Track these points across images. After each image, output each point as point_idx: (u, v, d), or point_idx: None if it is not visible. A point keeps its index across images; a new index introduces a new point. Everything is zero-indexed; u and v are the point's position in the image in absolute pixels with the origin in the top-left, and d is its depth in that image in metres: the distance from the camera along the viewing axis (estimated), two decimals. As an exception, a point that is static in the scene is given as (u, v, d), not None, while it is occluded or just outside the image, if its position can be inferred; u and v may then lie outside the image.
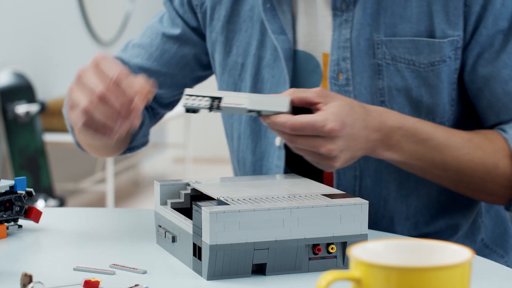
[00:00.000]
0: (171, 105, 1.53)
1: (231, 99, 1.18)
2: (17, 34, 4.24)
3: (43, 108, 4.15)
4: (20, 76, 4.14)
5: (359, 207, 1.06)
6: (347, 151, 1.19)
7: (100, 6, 5.23)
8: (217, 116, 6.22)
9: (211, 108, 1.17)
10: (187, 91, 1.19)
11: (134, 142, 1.47)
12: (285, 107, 1.16)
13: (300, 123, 1.14)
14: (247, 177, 1.21)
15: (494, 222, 1.46)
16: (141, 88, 1.13)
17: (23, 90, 4.12)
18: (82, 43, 4.98)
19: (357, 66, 1.32)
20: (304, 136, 1.16)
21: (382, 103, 1.32)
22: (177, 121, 6.22)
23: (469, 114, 1.38)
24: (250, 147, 1.43)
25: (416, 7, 1.31)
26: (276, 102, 1.17)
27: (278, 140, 1.38)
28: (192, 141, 6.11)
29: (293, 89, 1.19)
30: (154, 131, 6.01)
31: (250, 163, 1.43)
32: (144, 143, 1.50)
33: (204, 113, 6.18)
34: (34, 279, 0.98)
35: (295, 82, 1.37)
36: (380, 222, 1.37)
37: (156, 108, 1.52)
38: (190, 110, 1.19)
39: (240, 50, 1.41)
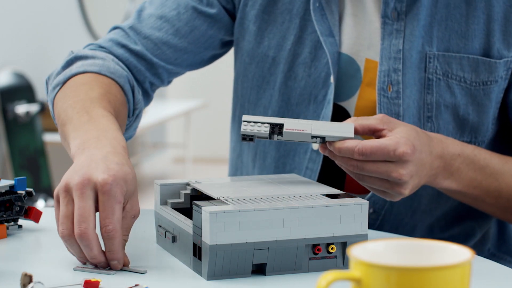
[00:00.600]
0: (172, 80, 1.46)
1: (292, 125, 1.13)
2: (17, 34, 4.24)
3: (43, 108, 4.15)
4: (20, 76, 4.14)
5: (359, 207, 1.06)
6: (416, 177, 1.15)
7: (100, 6, 5.23)
8: (217, 116, 6.22)
9: (271, 135, 1.13)
10: (245, 117, 1.14)
11: (125, 134, 1.38)
12: (350, 133, 1.12)
13: (371, 147, 1.10)
14: (247, 177, 1.21)
15: (498, 229, 1.45)
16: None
17: (23, 90, 4.12)
18: (82, 44, 4.98)
19: (408, 79, 1.29)
20: (373, 162, 1.11)
21: (428, 118, 1.30)
22: (177, 121, 6.21)
23: (503, 134, 1.37)
24: (274, 143, 1.39)
25: (473, 23, 1.28)
26: (340, 128, 1.13)
27: (316, 145, 1.34)
28: (192, 141, 6.10)
29: (354, 117, 1.15)
30: (154, 131, 6.01)
31: (272, 159, 1.39)
32: (131, 136, 1.42)
33: (204, 111, 6.12)
34: (34, 279, 0.98)
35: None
36: (402, 228, 1.36)
37: (159, 85, 1.43)
38: (247, 138, 1.14)
39: (273, 43, 1.36)
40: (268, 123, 1.14)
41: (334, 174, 1.34)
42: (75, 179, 1.03)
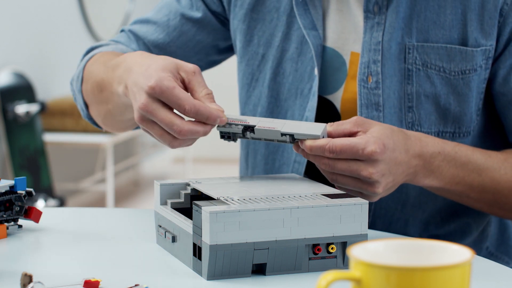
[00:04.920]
0: None
1: (265, 123, 1.16)
2: (17, 34, 4.24)
3: (43, 108, 4.15)
4: (20, 76, 4.14)
5: (359, 207, 1.06)
6: (389, 175, 1.15)
7: (100, 6, 5.23)
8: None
9: (244, 131, 1.16)
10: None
11: None
12: (318, 131, 1.14)
13: (341, 145, 1.11)
14: (246, 177, 1.21)
15: (498, 229, 1.45)
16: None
17: (23, 90, 4.12)
18: (82, 43, 4.98)
19: (387, 69, 1.31)
20: (343, 160, 1.12)
21: (409, 108, 1.31)
22: (177, 121, 6.21)
23: (492, 126, 1.37)
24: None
25: (450, 14, 1.30)
26: (311, 127, 1.14)
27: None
28: (192, 141, 6.10)
29: (330, 123, 1.16)
30: (154, 131, 6.01)
31: (261, 156, 1.41)
32: None
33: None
34: (34, 279, 0.98)
35: (319, 79, 1.35)
36: (395, 224, 1.36)
37: None
38: (225, 136, 1.18)
39: (262, 41, 1.40)
40: (241, 124, 1.16)
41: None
42: (137, 110, 1.13)
